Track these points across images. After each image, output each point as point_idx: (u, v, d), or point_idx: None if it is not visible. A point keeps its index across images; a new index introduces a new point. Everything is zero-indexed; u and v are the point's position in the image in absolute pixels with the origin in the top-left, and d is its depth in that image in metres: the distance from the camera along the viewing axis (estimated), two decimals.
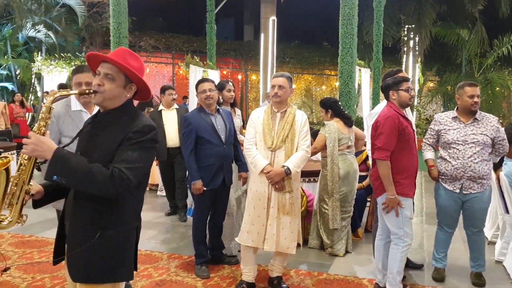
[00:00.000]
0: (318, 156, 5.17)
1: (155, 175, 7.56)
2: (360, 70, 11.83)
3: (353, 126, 4.96)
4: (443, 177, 3.95)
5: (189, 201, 5.26)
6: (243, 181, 4.37)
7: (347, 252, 4.76)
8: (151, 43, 16.53)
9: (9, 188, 1.95)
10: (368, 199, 5.56)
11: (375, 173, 3.57)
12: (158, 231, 5.48)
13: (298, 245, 3.83)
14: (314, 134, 4.92)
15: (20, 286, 3.77)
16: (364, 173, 5.39)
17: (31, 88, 14.17)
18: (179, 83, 16.75)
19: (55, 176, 1.83)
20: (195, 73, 10.40)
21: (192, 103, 10.29)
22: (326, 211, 4.74)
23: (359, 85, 12.11)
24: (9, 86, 13.90)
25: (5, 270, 2.24)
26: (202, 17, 14.19)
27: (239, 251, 4.01)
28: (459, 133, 3.86)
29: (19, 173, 1.94)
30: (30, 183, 1.98)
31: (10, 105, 11.50)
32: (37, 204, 2.11)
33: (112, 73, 1.98)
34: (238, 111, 5.04)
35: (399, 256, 3.54)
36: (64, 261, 2.14)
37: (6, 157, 2.00)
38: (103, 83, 1.97)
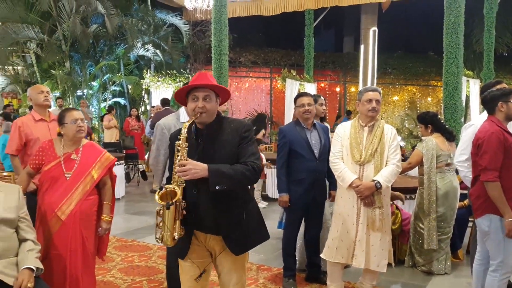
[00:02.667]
0: (415, 172, 4.93)
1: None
2: (468, 81, 11.11)
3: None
4: None
5: (280, 214, 5.29)
6: (332, 200, 4.28)
7: (445, 273, 4.45)
8: (251, 59, 16.99)
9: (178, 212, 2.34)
10: (470, 219, 5.16)
11: (475, 192, 3.29)
12: None
13: (389, 264, 3.67)
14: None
15: (120, 286, 4.06)
16: (465, 191, 5.01)
17: (141, 103, 15.27)
18: (277, 97, 16.99)
19: (217, 186, 2.28)
20: (292, 86, 10.50)
21: (288, 117, 10.38)
22: (421, 230, 4.48)
23: (467, 97, 11.35)
24: (122, 101, 15.10)
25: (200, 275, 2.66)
26: (300, 31, 14.31)
27: None
28: None
29: (177, 197, 2.31)
30: (184, 202, 2.38)
31: (127, 118, 12.50)
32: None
33: (208, 94, 2.39)
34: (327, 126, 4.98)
35: (496, 286, 3.22)
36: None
37: (171, 188, 2.34)
38: (205, 105, 2.38)
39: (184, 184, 2.34)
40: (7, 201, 2.72)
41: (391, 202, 4.30)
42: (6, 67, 14.87)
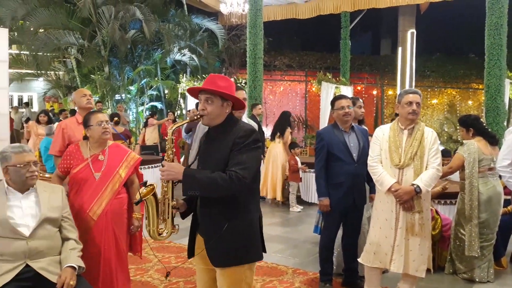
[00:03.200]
0: (456, 176, 4.79)
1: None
2: (511, 83, 10.74)
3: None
4: None
5: (316, 218, 5.24)
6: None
7: (487, 282, 4.30)
8: (285, 62, 16.98)
9: (160, 208, 2.44)
10: None
11: None
12: (285, 246, 5.55)
13: (429, 270, 3.57)
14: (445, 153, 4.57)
15: (158, 286, 4.11)
16: (509, 197, 4.84)
17: (177, 107, 15.51)
18: (312, 100, 16.90)
19: (189, 191, 2.29)
20: (327, 89, 10.42)
21: (323, 120, 10.31)
22: (462, 236, 4.35)
23: (510, 100, 10.98)
24: (158, 105, 15.39)
25: (167, 275, 2.67)
26: (336, 33, 14.21)
27: None
28: None
29: (163, 194, 2.40)
30: (174, 200, 2.42)
31: (165, 123, 12.75)
32: (184, 215, 2.55)
33: (210, 97, 2.36)
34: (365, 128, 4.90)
35: None
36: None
37: (151, 185, 2.48)
38: (205, 107, 2.37)
39: (175, 184, 2.41)
40: (51, 201, 2.80)
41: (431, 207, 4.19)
42: (48, 72, 15.41)
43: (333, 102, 4.14)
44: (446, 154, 6.17)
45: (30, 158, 2.74)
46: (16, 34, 13.77)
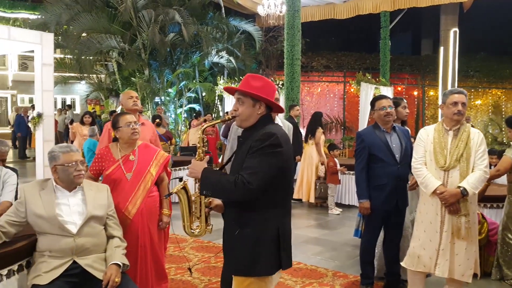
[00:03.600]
0: (503, 180, 4.61)
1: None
2: None
3: None
4: None
5: (356, 221, 5.16)
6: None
7: None
8: (323, 63, 16.85)
9: (192, 205, 2.48)
10: None
11: None
12: (324, 248, 5.49)
13: (475, 275, 3.45)
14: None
15: (198, 286, 4.14)
16: None
17: (214, 109, 15.64)
18: (350, 101, 16.69)
19: (203, 191, 2.27)
20: (367, 90, 10.27)
21: (362, 121, 10.16)
22: (510, 241, 4.18)
23: None
24: (196, 107, 15.56)
25: (189, 270, 2.72)
26: (376, 33, 14.00)
27: None
28: None
29: (196, 192, 2.42)
30: (208, 199, 2.45)
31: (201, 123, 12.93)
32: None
33: (240, 98, 2.32)
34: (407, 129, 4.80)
35: None
36: None
37: (184, 181, 2.53)
38: (237, 108, 2.33)
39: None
40: (97, 199, 2.87)
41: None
42: (90, 75, 15.86)
43: (373, 103, 4.06)
44: (493, 153, 5.96)
45: (77, 158, 2.81)
46: (60, 38, 14.23)
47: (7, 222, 2.66)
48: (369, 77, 10.59)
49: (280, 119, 3.76)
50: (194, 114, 13.37)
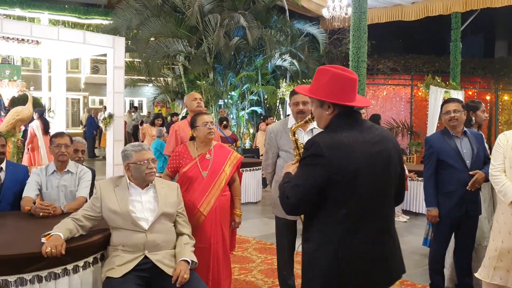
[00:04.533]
0: None
1: None
2: None
3: None
4: None
5: (425, 230, 4.95)
6: None
7: None
8: (389, 66, 16.40)
9: None
10: None
11: None
12: None
13: None
14: None
15: (262, 287, 4.13)
16: None
17: (276, 112, 15.66)
18: (417, 105, 16.11)
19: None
20: (436, 94, 9.87)
21: (431, 126, 9.80)
22: None
23: None
24: (258, 110, 15.65)
25: None
26: (446, 35, 13.46)
27: None
28: None
29: None
30: None
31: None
32: None
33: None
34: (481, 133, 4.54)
35: None
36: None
37: None
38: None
39: None
40: (168, 197, 2.94)
41: None
42: (157, 78, 16.41)
43: (441, 106, 3.91)
44: None
45: (148, 156, 2.89)
46: (130, 42, 14.83)
47: (83, 216, 2.78)
48: (438, 81, 10.18)
49: None
50: (262, 117, 13.45)
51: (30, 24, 8.64)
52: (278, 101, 14.93)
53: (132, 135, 16.87)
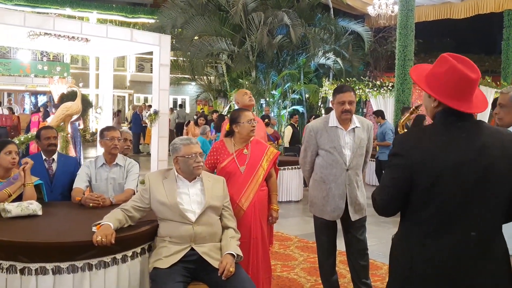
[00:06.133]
0: None
1: None
2: None
3: None
4: None
5: None
6: None
7: None
8: None
9: None
10: None
11: None
12: None
13: None
14: None
15: (304, 285, 4.11)
16: None
17: (317, 111, 15.54)
18: None
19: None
20: (486, 94, 9.50)
21: None
22: None
23: None
24: (300, 108, 15.56)
25: None
26: (496, 34, 12.97)
27: None
28: None
29: None
30: None
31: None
32: None
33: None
34: None
35: None
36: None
37: None
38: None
39: None
40: (214, 190, 2.95)
41: None
42: (201, 76, 16.61)
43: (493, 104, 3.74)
44: None
45: (196, 150, 2.91)
46: (174, 41, 15.08)
47: (132, 207, 2.83)
48: (489, 80, 9.81)
49: (356, 117, 3.56)
50: (314, 116, 13.38)
51: (80, 22, 8.88)
52: (320, 100, 14.80)
53: (176, 132, 17.15)
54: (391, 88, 10.93)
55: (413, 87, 10.24)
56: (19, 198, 3.19)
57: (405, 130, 2.12)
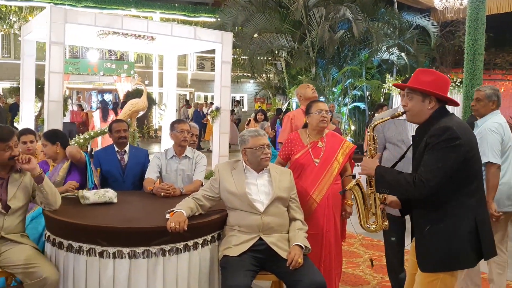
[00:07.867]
0: None
1: None
2: None
3: None
4: None
5: None
6: None
7: None
8: (509, 60, 15.09)
9: (366, 201, 2.51)
10: None
11: None
12: None
13: None
14: None
15: (371, 282, 4.05)
16: None
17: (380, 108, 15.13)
18: None
19: (380, 189, 2.30)
20: None
21: None
22: None
23: None
24: (361, 105, 15.20)
25: (371, 261, 2.67)
26: None
27: None
28: None
29: (368, 188, 2.46)
30: (382, 196, 2.45)
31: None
32: (403, 213, 2.50)
33: (409, 93, 2.30)
34: None
35: None
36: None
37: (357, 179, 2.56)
38: (406, 103, 2.31)
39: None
40: (282, 181, 2.96)
41: None
42: (260, 74, 16.67)
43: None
44: None
45: (264, 142, 2.94)
46: (234, 39, 15.24)
47: (203, 196, 2.90)
48: None
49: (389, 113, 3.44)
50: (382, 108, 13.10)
51: (147, 21, 9.22)
52: (382, 96, 14.42)
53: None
54: (459, 84, 10.47)
55: (482, 83, 9.75)
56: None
57: (374, 134, 2.44)
